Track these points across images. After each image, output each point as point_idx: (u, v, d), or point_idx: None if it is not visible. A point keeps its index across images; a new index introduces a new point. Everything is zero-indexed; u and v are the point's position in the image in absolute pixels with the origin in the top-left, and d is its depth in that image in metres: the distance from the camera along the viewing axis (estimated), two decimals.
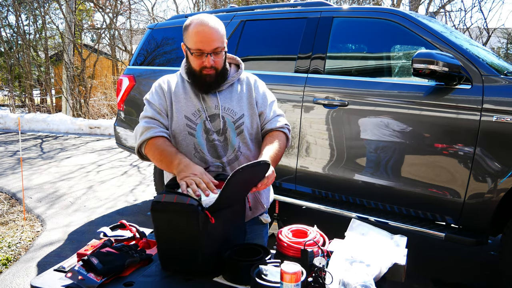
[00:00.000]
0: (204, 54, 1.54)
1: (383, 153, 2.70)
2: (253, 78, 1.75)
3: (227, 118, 1.61)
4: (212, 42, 1.53)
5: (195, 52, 1.55)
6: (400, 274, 1.33)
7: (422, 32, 2.66)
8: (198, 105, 1.61)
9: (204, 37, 1.52)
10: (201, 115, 1.60)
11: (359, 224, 1.52)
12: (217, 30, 1.55)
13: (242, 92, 1.68)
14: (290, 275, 1.09)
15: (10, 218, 3.94)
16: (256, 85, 1.72)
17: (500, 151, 2.29)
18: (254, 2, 10.64)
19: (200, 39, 1.52)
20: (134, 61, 4.20)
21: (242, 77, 1.72)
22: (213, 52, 1.54)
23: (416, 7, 9.56)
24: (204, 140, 1.60)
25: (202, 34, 1.53)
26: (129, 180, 5.46)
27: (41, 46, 14.31)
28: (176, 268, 1.35)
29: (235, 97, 1.65)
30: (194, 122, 1.60)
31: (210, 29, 1.53)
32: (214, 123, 1.61)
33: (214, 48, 1.54)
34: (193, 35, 1.54)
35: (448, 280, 2.90)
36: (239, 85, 1.69)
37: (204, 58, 1.54)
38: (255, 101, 1.68)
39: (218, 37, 1.54)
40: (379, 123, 2.69)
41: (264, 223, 1.76)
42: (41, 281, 1.29)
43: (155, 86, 1.71)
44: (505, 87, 2.32)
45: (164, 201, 1.30)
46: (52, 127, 9.92)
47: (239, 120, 1.62)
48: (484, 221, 2.36)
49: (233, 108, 1.63)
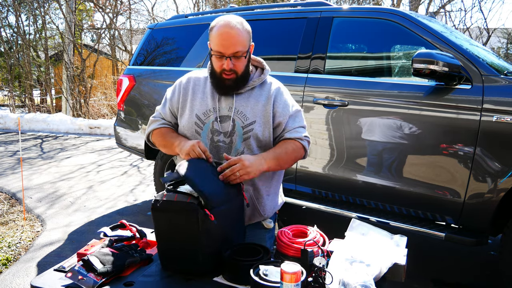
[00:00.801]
0: (224, 57, 1.53)
1: (383, 153, 2.70)
2: (276, 85, 1.70)
3: (237, 122, 1.60)
4: (233, 46, 1.52)
5: (216, 54, 1.55)
6: (400, 274, 1.33)
7: (422, 32, 2.66)
8: (211, 105, 1.63)
9: (225, 40, 1.52)
10: (211, 115, 1.62)
11: (359, 224, 1.52)
12: (240, 34, 1.53)
13: (260, 99, 1.64)
14: (290, 275, 1.09)
15: (10, 218, 3.94)
16: (278, 93, 1.67)
17: (500, 151, 2.29)
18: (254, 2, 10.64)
19: (221, 42, 1.52)
20: (134, 61, 4.20)
21: (266, 82, 1.69)
22: (233, 56, 1.53)
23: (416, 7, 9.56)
24: (208, 140, 1.61)
25: (224, 37, 1.52)
26: (129, 180, 5.46)
27: (41, 46, 14.31)
28: (176, 268, 1.36)
29: (251, 103, 1.63)
30: (202, 122, 1.63)
31: (232, 32, 1.52)
32: (224, 124, 1.61)
33: (234, 52, 1.53)
34: (216, 37, 1.54)
35: (448, 280, 2.90)
36: (260, 90, 1.66)
37: (223, 61, 1.54)
38: (273, 111, 1.63)
39: (240, 40, 1.53)
40: (379, 123, 2.69)
41: (267, 228, 1.73)
42: (41, 281, 1.29)
43: (177, 83, 1.76)
44: (505, 87, 2.32)
45: (164, 200, 1.30)
46: (52, 127, 9.92)
47: (249, 126, 1.61)
48: (484, 221, 2.36)
49: (246, 113, 1.61)
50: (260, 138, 1.62)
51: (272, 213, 1.74)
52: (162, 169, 3.79)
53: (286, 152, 1.61)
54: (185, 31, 3.93)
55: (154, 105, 3.76)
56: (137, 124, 3.96)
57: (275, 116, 1.64)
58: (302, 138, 1.66)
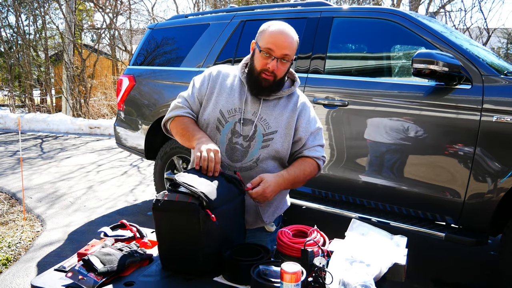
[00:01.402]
0: (271, 56, 1.54)
1: (383, 153, 2.70)
2: (303, 99, 1.70)
3: (259, 128, 1.60)
4: (284, 49, 1.54)
5: (264, 50, 1.54)
6: (400, 274, 1.33)
7: (422, 32, 2.66)
8: (237, 105, 1.61)
9: (279, 40, 1.53)
10: (235, 115, 1.60)
11: (359, 224, 1.52)
12: (293, 41, 1.56)
13: (286, 110, 1.64)
14: (290, 275, 1.09)
15: (10, 218, 3.94)
16: (304, 108, 1.68)
17: (500, 151, 2.30)
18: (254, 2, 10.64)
19: (275, 41, 1.53)
20: (134, 61, 4.20)
21: (294, 94, 1.69)
22: (281, 58, 1.54)
23: (416, 7, 9.56)
24: (227, 140, 1.60)
25: (279, 37, 1.54)
26: (129, 180, 5.46)
27: (41, 46, 14.31)
28: (177, 268, 1.36)
29: (277, 112, 1.63)
30: (225, 120, 1.61)
31: (287, 36, 1.55)
32: (245, 127, 1.60)
33: (284, 54, 1.54)
34: (270, 35, 1.55)
35: (448, 280, 2.90)
36: (287, 101, 1.66)
37: (269, 60, 1.54)
38: (297, 125, 1.64)
39: (291, 46, 1.55)
40: (379, 123, 2.69)
41: (268, 232, 1.73)
42: (42, 281, 1.29)
43: (206, 72, 1.72)
44: (505, 87, 2.32)
45: (165, 200, 1.30)
46: (52, 127, 9.92)
47: (270, 135, 1.60)
48: (484, 221, 2.36)
49: (269, 121, 1.61)
50: (278, 149, 1.62)
51: (274, 219, 1.74)
52: (162, 169, 3.79)
53: (304, 173, 1.62)
54: (185, 31, 3.93)
55: (154, 105, 3.76)
56: (137, 124, 3.96)
57: (297, 130, 1.64)
58: (319, 157, 1.67)
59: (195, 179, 1.38)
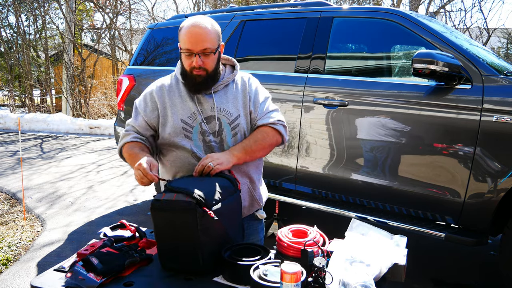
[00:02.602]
0: (192, 54, 1.56)
1: (383, 153, 2.70)
2: (246, 76, 1.75)
3: (223, 120, 1.63)
4: (201, 43, 1.54)
5: (184, 52, 1.57)
6: (400, 274, 1.33)
7: (422, 32, 2.66)
8: (194, 108, 1.63)
9: (193, 37, 1.54)
10: (197, 118, 1.62)
11: (359, 224, 1.52)
12: (208, 32, 1.56)
13: (238, 92, 1.68)
14: (290, 275, 1.09)
15: (10, 218, 3.94)
16: (249, 83, 1.72)
17: (500, 151, 2.29)
18: (254, 2, 10.64)
19: (189, 39, 1.55)
20: (134, 61, 4.20)
21: (237, 77, 1.73)
22: (202, 53, 1.55)
23: (416, 7, 9.56)
24: (201, 142, 1.62)
25: (192, 34, 1.55)
26: (129, 180, 5.46)
27: (41, 46, 14.30)
28: (176, 268, 1.36)
29: (230, 98, 1.66)
30: (190, 125, 1.62)
31: (200, 30, 1.55)
32: (210, 124, 1.62)
33: (203, 48, 1.55)
34: (184, 35, 1.57)
35: (448, 280, 2.90)
36: (234, 85, 1.70)
37: (192, 58, 1.56)
38: (249, 99, 1.68)
39: (208, 38, 1.56)
40: (379, 123, 2.69)
41: (260, 219, 1.80)
42: (41, 281, 1.29)
43: (146, 93, 1.72)
44: (505, 87, 2.32)
45: (163, 199, 1.31)
46: (52, 127, 9.92)
47: (235, 121, 1.64)
48: (484, 221, 2.36)
49: (228, 109, 1.64)
50: (246, 131, 1.66)
51: (263, 200, 1.80)
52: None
53: (255, 141, 1.64)
54: None
55: None
56: None
57: (250, 104, 1.68)
58: (275, 123, 1.67)
59: (190, 181, 1.39)
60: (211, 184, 1.40)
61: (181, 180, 1.45)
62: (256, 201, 1.74)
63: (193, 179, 1.45)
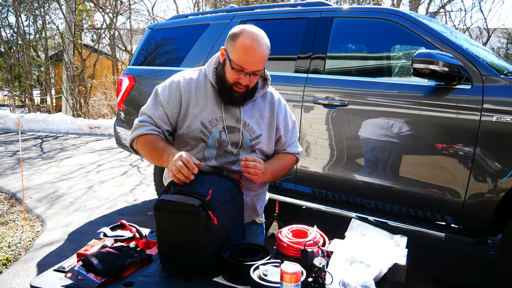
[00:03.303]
0: (243, 72, 1.47)
1: (383, 153, 2.70)
2: (276, 95, 1.71)
3: (245, 134, 1.59)
4: (257, 64, 1.46)
5: (236, 67, 1.47)
6: (400, 274, 1.33)
7: (422, 32, 2.66)
8: (218, 114, 1.56)
9: (251, 58, 1.45)
10: (218, 125, 1.56)
11: (359, 224, 1.52)
12: (265, 53, 1.48)
13: (264, 110, 1.64)
14: (290, 275, 1.09)
15: (10, 218, 3.94)
16: (279, 105, 1.68)
17: (500, 151, 2.29)
18: (254, 2, 10.64)
19: (246, 58, 1.45)
20: (134, 61, 4.20)
21: (267, 92, 1.68)
22: (253, 73, 1.49)
23: (416, 7, 9.56)
24: (215, 150, 1.58)
25: (250, 54, 1.44)
26: (129, 180, 5.46)
27: (41, 46, 14.30)
28: (177, 268, 1.36)
29: (256, 114, 1.62)
30: (209, 130, 1.56)
31: (259, 51, 1.45)
32: (232, 135, 1.58)
33: (256, 70, 1.48)
34: (240, 50, 1.45)
35: (448, 280, 2.90)
36: (263, 101, 1.66)
37: (241, 75, 1.48)
38: (276, 124, 1.66)
39: (264, 59, 1.48)
40: (379, 123, 2.69)
41: (259, 223, 1.78)
42: (41, 281, 1.29)
43: (172, 83, 1.60)
44: (505, 87, 2.32)
45: (167, 200, 1.30)
46: (52, 127, 9.92)
47: (256, 139, 1.61)
48: (484, 221, 2.36)
49: (253, 125, 1.60)
50: (265, 150, 1.65)
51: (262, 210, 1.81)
52: (162, 169, 3.79)
53: (283, 167, 1.70)
54: (185, 31, 3.93)
55: None
56: None
57: (278, 130, 1.68)
58: (299, 153, 1.76)
59: (194, 182, 1.39)
60: (215, 186, 1.40)
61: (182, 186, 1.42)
62: (256, 212, 1.71)
63: (198, 180, 1.42)
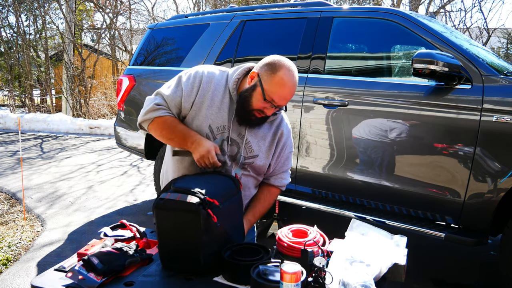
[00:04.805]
0: (272, 104, 1.51)
1: (383, 153, 2.70)
2: (284, 122, 1.71)
3: (241, 151, 1.61)
4: (287, 100, 1.52)
5: (268, 99, 1.49)
6: (400, 274, 1.33)
7: (422, 32, 2.66)
8: (227, 123, 1.58)
9: (286, 94, 1.49)
10: (224, 133, 1.58)
11: (359, 224, 1.52)
12: (295, 89, 1.52)
13: (268, 134, 1.65)
14: (290, 275, 1.09)
15: (10, 218, 3.94)
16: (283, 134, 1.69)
17: (500, 151, 2.29)
18: (254, 2, 10.64)
19: (281, 93, 1.48)
20: (134, 61, 4.20)
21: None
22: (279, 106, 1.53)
23: (416, 7, 9.56)
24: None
25: (287, 91, 1.49)
26: (129, 180, 5.47)
27: (41, 46, 14.30)
28: (177, 267, 1.36)
29: (260, 136, 1.63)
30: (214, 136, 1.58)
31: (293, 88, 1.50)
32: (231, 147, 1.60)
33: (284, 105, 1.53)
34: (278, 85, 1.48)
35: (448, 280, 2.90)
36: (269, 124, 1.66)
37: (268, 105, 1.51)
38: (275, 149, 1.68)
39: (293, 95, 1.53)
40: (379, 123, 2.69)
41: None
42: (42, 281, 1.29)
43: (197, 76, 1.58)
44: (505, 87, 2.32)
45: (167, 199, 1.31)
46: (52, 127, 9.91)
47: (251, 159, 1.63)
48: (484, 221, 2.36)
49: (252, 145, 1.62)
50: (257, 168, 1.66)
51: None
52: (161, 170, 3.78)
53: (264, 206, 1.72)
54: (185, 31, 3.93)
55: None
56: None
57: (273, 157, 1.69)
58: (285, 185, 1.76)
59: (195, 181, 1.39)
60: (215, 185, 1.40)
61: (186, 180, 1.44)
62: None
63: (198, 178, 1.43)
